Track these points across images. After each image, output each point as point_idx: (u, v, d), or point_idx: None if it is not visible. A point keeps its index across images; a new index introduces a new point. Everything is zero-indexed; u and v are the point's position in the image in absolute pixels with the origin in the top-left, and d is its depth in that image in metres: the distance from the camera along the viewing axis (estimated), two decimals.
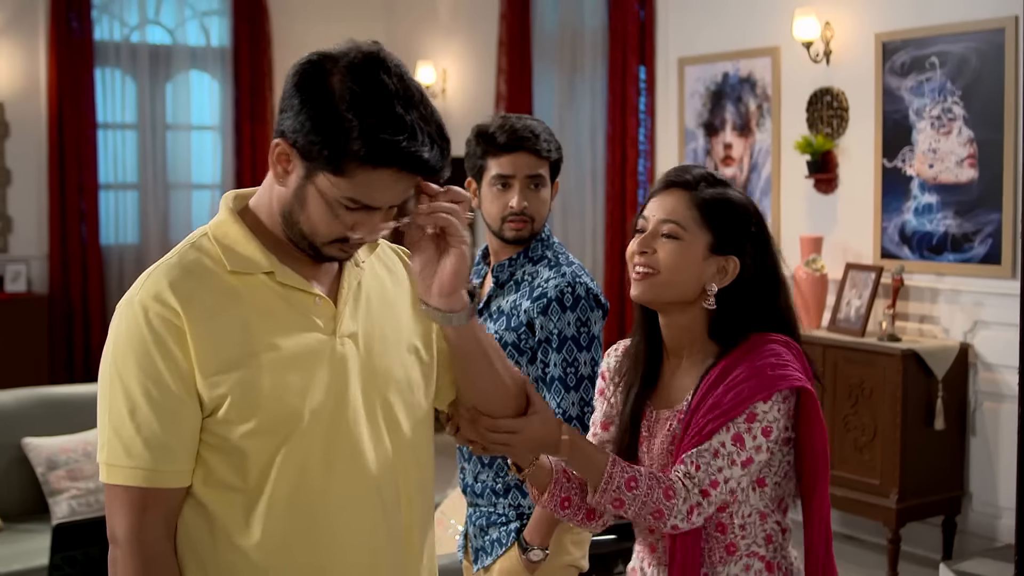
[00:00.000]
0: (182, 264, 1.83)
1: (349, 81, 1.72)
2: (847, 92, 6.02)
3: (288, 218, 1.83)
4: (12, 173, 8.40)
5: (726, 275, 2.15)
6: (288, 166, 1.79)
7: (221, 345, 1.79)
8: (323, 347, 1.86)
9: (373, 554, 1.88)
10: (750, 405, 2.05)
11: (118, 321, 1.82)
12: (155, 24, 9.01)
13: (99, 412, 1.83)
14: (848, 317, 5.74)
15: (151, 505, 1.79)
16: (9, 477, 4.88)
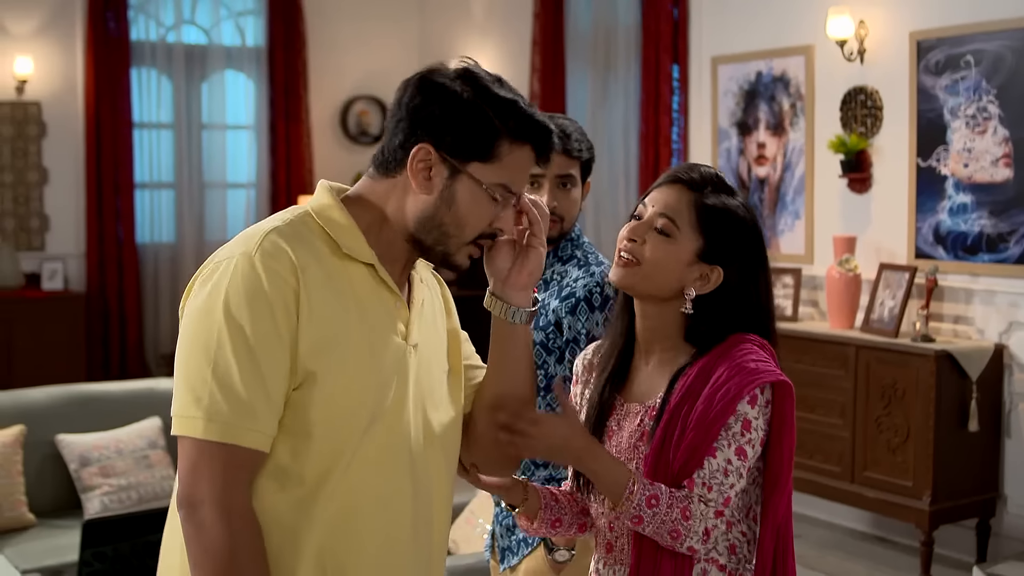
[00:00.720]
0: (296, 232, 1.85)
1: (469, 83, 1.89)
2: (881, 91, 5.98)
3: (427, 223, 1.90)
4: (49, 172, 8.49)
5: (707, 283, 2.13)
6: (430, 172, 1.88)
7: (325, 320, 1.81)
8: (399, 351, 1.92)
9: (397, 549, 1.92)
10: (739, 404, 2.03)
11: (229, 272, 1.79)
12: (191, 24, 9.07)
13: (191, 364, 1.78)
14: (881, 317, 5.69)
15: (244, 466, 1.77)
16: (43, 473, 4.93)
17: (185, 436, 1.76)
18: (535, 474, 2.99)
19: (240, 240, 1.85)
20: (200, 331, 1.78)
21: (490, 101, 1.88)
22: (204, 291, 1.81)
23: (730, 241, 2.14)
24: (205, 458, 1.74)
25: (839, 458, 5.69)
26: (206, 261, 1.87)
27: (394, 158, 1.92)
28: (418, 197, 1.90)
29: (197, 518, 1.74)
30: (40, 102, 8.40)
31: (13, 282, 8.15)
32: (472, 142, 1.88)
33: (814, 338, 5.87)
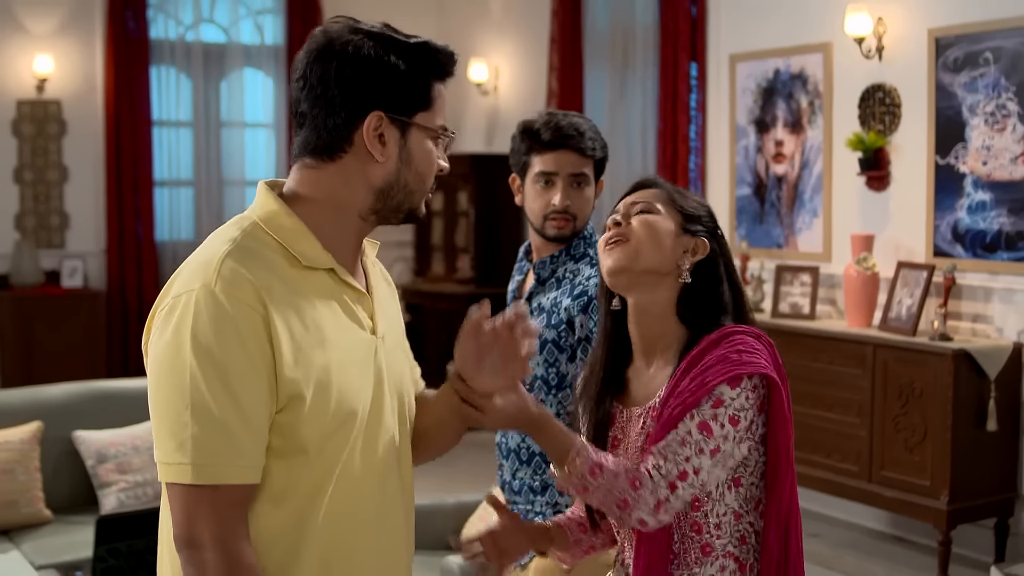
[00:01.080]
0: (250, 252, 1.79)
1: (375, 39, 1.83)
2: (899, 88, 5.95)
3: (390, 189, 1.88)
4: (69, 170, 8.53)
5: (697, 253, 2.18)
6: (383, 138, 1.84)
7: (299, 339, 1.77)
8: (370, 347, 1.90)
9: (395, 538, 1.95)
10: (716, 388, 2.02)
11: (191, 307, 1.72)
12: (210, 23, 9.10)
13: (167, 409, 1.72)
14: (899, 316, 5.67)
15: (238, 502, 1.73)
16: (60, 470, 4.95)
17: (174, 483, 1.72)
18: (536, 499, 2.99)
19: (195, 270, 1.77)
20: (171, 373, 1.72)
21: (411, 51, 1.85)
22: (168, 331, 1.74)
23: (700, 217, 2.22)
24: (200, 502, 1.71)
25: (856, 457, 5.66)
26: (161, 294, 1.81)
27: (336, 138, 1.85)
28: (375, 167, 1.86)
29: (199, 560, 1.71)
30: (60, 100, 8.44)
31: (33, 280, 8.20)
32: (413, 95, 1.86)
33: (832, 337, 5.85)
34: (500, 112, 9.13)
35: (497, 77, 9.20)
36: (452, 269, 9.14)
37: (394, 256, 9.86)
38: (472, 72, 9.16)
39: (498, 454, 3.12)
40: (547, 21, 8.40)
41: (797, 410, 5.83)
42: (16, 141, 8.34)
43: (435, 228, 9.42)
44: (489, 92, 9.22)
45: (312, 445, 1.78)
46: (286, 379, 1.74)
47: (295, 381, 1.75)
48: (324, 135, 1.85)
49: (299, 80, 1.86)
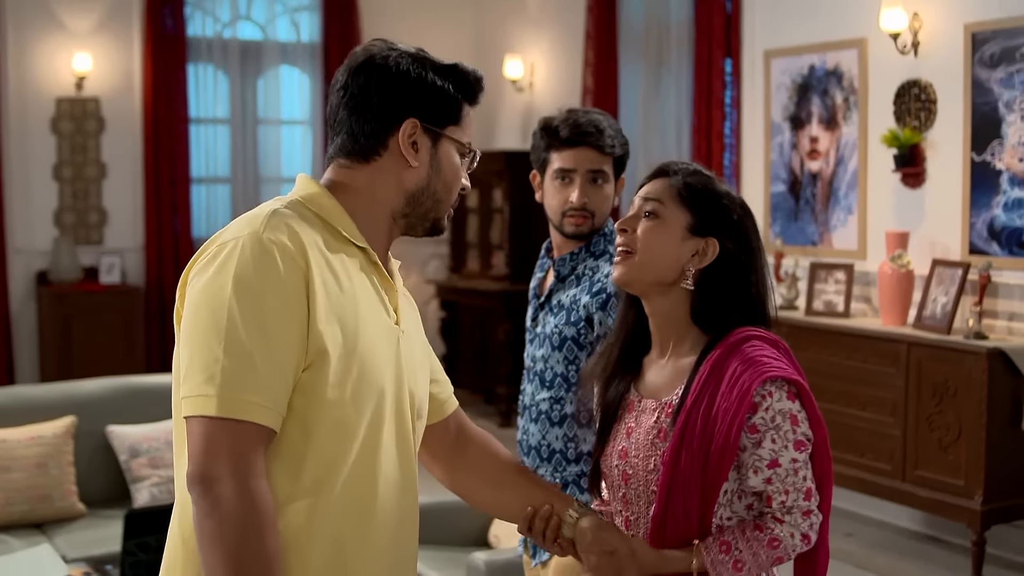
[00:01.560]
0: (297, 215, 1.89)
1: (413, 59, 1.99)
2: (935, 84, 5.89)
3: (421, 194, 1.99)
4: (108, 167, 8.61)
5: (705, 257, 2.16)
6: (416, 145, 1.97)
7: (333, 301, 1.84)
8: (393, 334, 1.97)
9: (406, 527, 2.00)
10: (775, 402, 2.05)
11: (237, 251, 1.79)
12: (247, 20, 9.16)
13: (201, 343, 1.76)
14: (934, 314, 5.61)
15: (258, 442, 1.76)
16: (93, 464, 4.99)
17: (199, 415, 1.75)
18: (567, 469, 2.99)
19: (243, 222, 1.86)
20: (210, 311, 1.78)
21: (443, 70, 2.00)
22: (209, 271, 1.81)
23: (717, 211, 2.18)
24: (220, 435, 1.73)
25: (890, 456, 5.62)
26: (205, 246, 1.88)
27: (372, 143, 1.97)
28: (408, 172, 1.98)
29: (214, 494, 1.72)
30: (99, 98, 8.52)
31: (72, 276, 8.28)
32: (445, 109, 1.99)
33: (866, 335, 5.80)
34: (535, 109, 9.11)
35: (532, 74, 9.19)
36: (487, 266, 9.15)
37: (430, 253, 9.88)
38: (507, 69, 9.16)
39: (520, 451, 3.12)
40: (582, 17, 8.39)
41: (831, 408, 5.84)
42: (55, 138, 8.43)
43: (470, 225, 9.43)
44: (524, 89, 9.21)
45: (332, 409, 1.82)
46: (316, 332, 1.80)
47: (324, 336, 1.81)
48: (361, 139, 1.98)
49: (340, 90, 1.99)
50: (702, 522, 2.07)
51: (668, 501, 2.07)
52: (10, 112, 8.24)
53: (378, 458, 1.90)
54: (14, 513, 4.69)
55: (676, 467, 2.06)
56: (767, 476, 2.05)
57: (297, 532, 1.82)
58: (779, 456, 2.04)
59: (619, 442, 2.21)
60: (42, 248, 8.39)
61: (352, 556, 1.87)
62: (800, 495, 2.05)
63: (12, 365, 8.32)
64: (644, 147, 7.92)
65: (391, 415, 1.94)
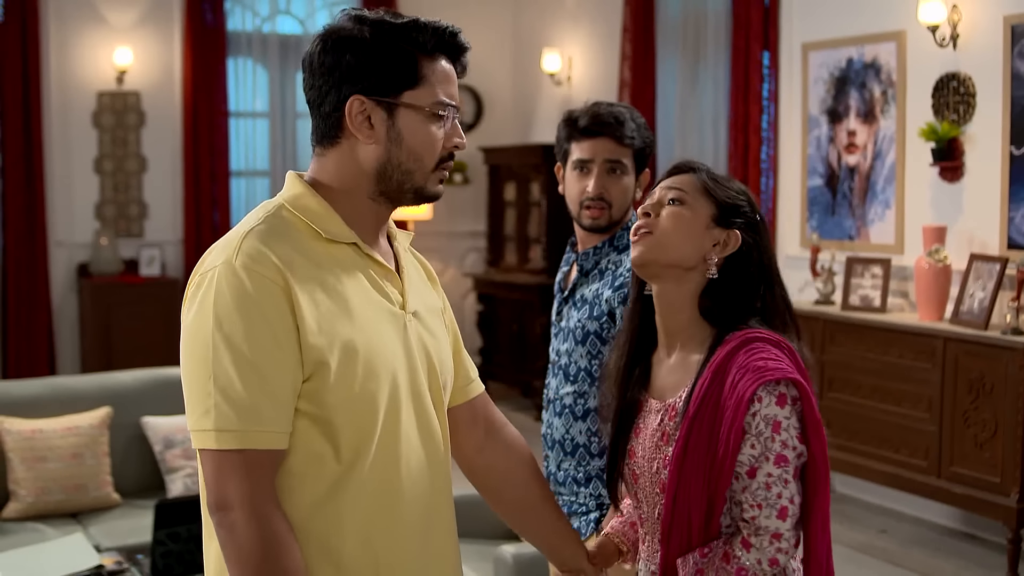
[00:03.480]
0: (273, 230, 1.87)
1: (363, 22, 1.90)
2: (974, 77, 5.83)
3: (385, 170, 1.92)
4: (148, 161, 8.69)
5: (727, 247, 2.14)
6: (370, 120, 1.90)
7: (323, 309, 1.83)
8: (399, 321, 1.96)
9: (432, 514, 1.99)
10: (763, 407, 2.01)
11: (216, 285, 1.80)
12: (286, 14, 9.21)
13: (193, 379, 1.80)
14: (971, 309, 5.56)
15: (264, 465, 1.79)
16: (128, 455, 5.04)
17: (203, 449, 1.80)
18: (580, 491, 2.98)
19: (220, 249, 1.86)
20: (195, 346, 1.81)
21: (390, 30, 1.90)
22: (194, 305, 1.83)
23: (738, 206, 2.17)
24: (226, 466, 1.77)
25: (925, 452, 5.57)
26: (192, 273, 1.89)
27: (330, 125, 1.93)
28: (367, 149, 1.92)
29: (228, 521, 1.78)
30: (139, 92, 8.60)
31: (112, 268, 8.37)
32: (395, 74, 1.90)
33: (902, 330, 5.75)
34: (573, 102, 9.07)
35: (570, 67, 9.18)
36: (524, 259, 9.15)
37: (468, 246, 9.90)
38: (545, 62, 9.16)
39: (544, 445, 3.12)
40: (620, 10, 8.36)
41: (866, 403, 5.81)
42: (96, 132, 8.52)
43: (508, 218, 9.44)
44: (562, 82, 9.21)
45: (343, 411, 1.84)
46: (310, 346, 1.80)
47: (319, 348, 1.81)
48: (321, 123, 1.95)
49: (306, 72, 1.95)
50: (708, 527, 2.05)
51: (674, 506, 2.06)
52: (52, 106, 8.33)
53: (399, 446, 1.91)
54: (50, 503, 4.75)
55: (681, 473, 2.05)
56: (744, 484, 2.02)
57: (328, 532, 1.84)
58: (757, 466, 2.00)
59: (629, 441, 2.21)
60: (83, 241, 8.48)
61: (382, 547, 1.89)
62: (773, 513, 2.00)
63: (54, 356, 8.42)
64: (681, 141, 7.90)
65: (408, 400, 1.94)
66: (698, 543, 2.05)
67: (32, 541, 4.39)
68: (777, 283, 2.19)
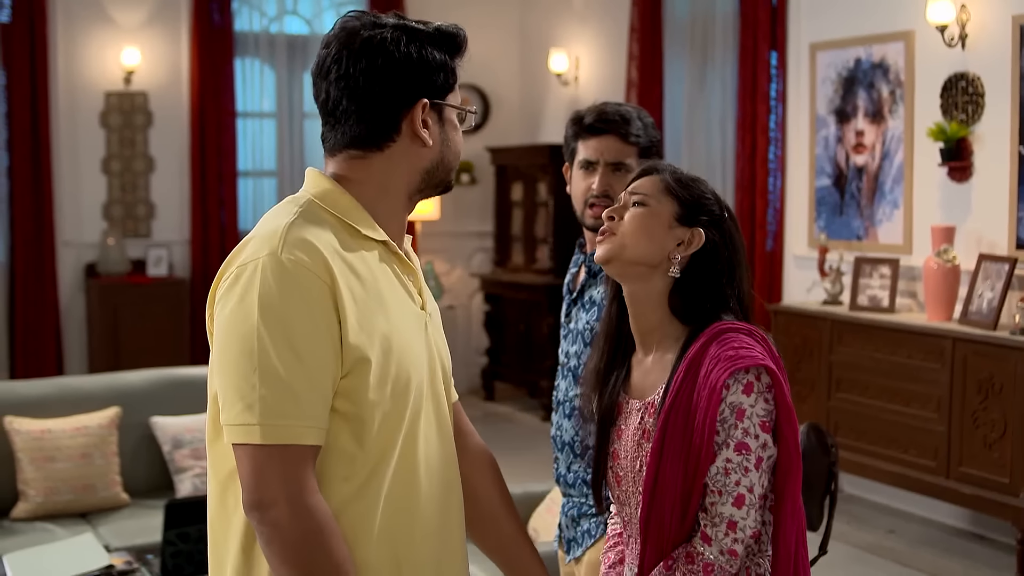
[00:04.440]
0: (311, 223, 1.85)
1: (400, 30, 1.93)
2: (983, 77, 5.82)
3: (436, 169, 1.98)
4: (156, 161, 8.69)
5: (691, 245, 2.15)
6: (426, 124, 1.94)
7: (362, 304, 1.83)
8: (421, 320, 1.98)
9: (447, 516, 2.00)
10: (730, 395, 2.02)
11: (261, 276, 1.78)
12: (293, 15, 9.21)
13: (235, 372, 1.77)
14: (980, 309, 5.55)
15: (307, 461, 1.77)
16: (137, 454, 5.05)
17: (244, 444, 1.76)
18: (589, 493, 2.96)
19: (261, 241, 1.83)
20: (239, 338, 1.77)
21: (436, 39, 1.96)
22: (233, 297, 1.80)
23: (702, 204, 2.18)
24: (271, 462, 1.75)
25: (934, 453, 5.57)
26: (222, 268, 1.87)
27: (385, 130, 1.93)
28: (423, 151, 1.96)
29: (272, 518, 1.74)
30: (147, 92, 8.61)
31: (120, 268, 8.38)
32: (442, 80, 1.96)
33: (911, 330, 5.75)
34: (580, 102, 9.09)
35: (577, 67, 9.18)
36: (531, 259, 9.15)
37: (475, 246, 9.90)
38: (553, 63, 9.16)
39: (554, 447, 3.12)
40: (627, 10, 8.36)
41: (874, 403, 5.81)
42: (104, 132, 8.52)
43: (515, 219, 9.44)
44: (569, 82, 9.20)
45: (379, 409, 1.83)
46: (351, 345, 1.80)
47: (360, 346, 1.80)
48: (374, 127, 1.92)
49: (340, 79, 1.91)
50: (683, 521, 2.05)
51: (652, 501, 2.06)
52: (60, 106, 8.34)
53: (418, 447, 1.92)
54: (59, 503, 4.75)
55: (659, 467, 2.05)
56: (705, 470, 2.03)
57: (353, 533, 1.84)
58: (719, 452, 2.01)
59: (612, 444, 2.22)
60: (91, 241, 8.49)
61: (403, 547, 1.89)
62: (729, 500, 2.00)
63: (61, 356, 8.43)
64: (689, 141, 7.90)
65: (428, 400, 1.96)
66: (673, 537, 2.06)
67: (41, 541, 4.40)
68: (746, 279, 2.21)
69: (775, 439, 2.06)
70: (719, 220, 2.19)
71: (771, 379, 2.05)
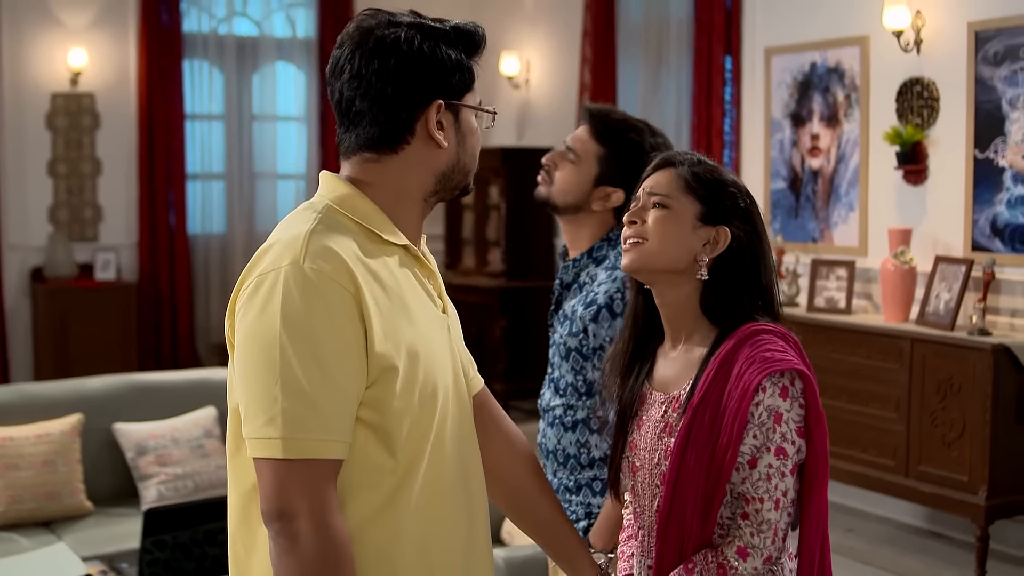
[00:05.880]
0: (332, 230, 1.81)
1: (415, 29, 1.91)
2: (938, 82, 5.91)
3: (452, 171, 1.95)
4: (103, 163, 8.57)
5: (717, 245, 2.13)
6: (442, 125, 1.91)
7: (387, 312, 1.80)
8: (443, 323, 1.96)
9: (474, 518, 1.98)
10: (766, 397, 2.01)
11: (284, 286, 1.73)
12: (242, 16, 9.13)
13: (257, 385, 1.73)
14: (937, 311, 5.64)
15: (329, 475, 1.73)
16: (100, 462, 4.98)
17: (266, 457, 1.73)
18: (571, 499, 2.97)
19: (282, 249, 1.79)
20: (261, 349, 1.73)
21: (453, 38, 1.93)
22: (255, 307, 1.76)
23: (725, 200, 2.15)
24: (293, 476, 1.71)
25: (894, 452, 5.64)
26: (243, 276, 1.82)
27: (400, 131, 1.90)
28: (439, 152, 1.93)
29: (291, 531, 1.71)
30: (94, 94, 8.48)
31: (67, 272, 8.25)
32: (462, 79, 1.94)
33: (869, 331, 5.82)
34: (532, 106, 9.13)
35: (529, 70, 9.19)
36: (483, 262, 9.14)
37: None
38: (504, 66, 9.15)
39: (539, 454, 3.11)
40: (580, 14, 8.39)
41: (834, 404, 5.86)
42: (50, 134, 8.39)
43: (466, 221, 9.43)
44: (520, 86, 9.21)
45: (406, 417, 1.81)
46: (377, 354, 1.76)
47: (387, 355, 1.77)
48: (387, 128, 1.89)
49: (353, 79, 1.88)
50: (705, 519, 2.05)
51: (673, 497, 2.06)
52: (5, 107, 8.19)
53: (446, 450, 1.89)
54: (22, 511, 4.67)
55: (682, 463, 2.05)
56: (744, 475, 2.03)
57: (386, 541, 1.81)
58: (758, 456, 2.02)
59: (631, 435, 2.21)
60: (37, 244, 8.35)
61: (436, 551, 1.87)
62: (773, 505, 2.01)
63: (7, 362, 8.28)
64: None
65: (454, 403, 1.93)
66: (694, 537, 2.05)
67: (5, 551, 4.33)
68: (773, 272, 2.19)
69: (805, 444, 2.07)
70: (744, 213, 2.15)
71: (804, 384, 2.05)
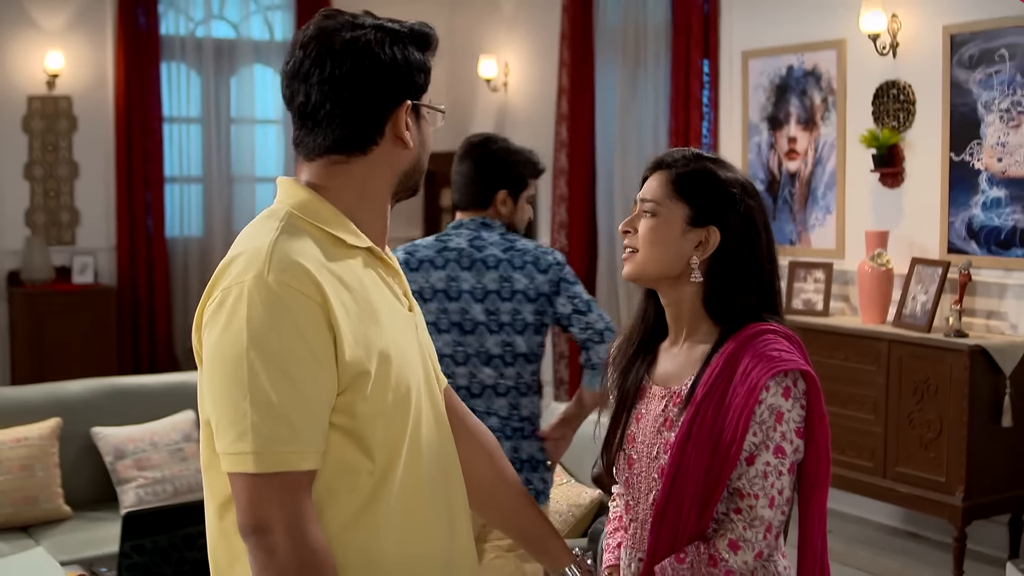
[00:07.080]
0: (295, 238, 1.80)
1: (378, 30, 1.91)
2: (914, 85, 5.95)
3: (412, 171, 1.96)
4: (80, 166, 8.53)
5: (707, 247, 2.15)
6: (407, 125, 1.91)
7: (355, 318, 1.79)
8: (410, 322, 1.96)
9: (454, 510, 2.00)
10: (769, 396, 2.03)
11: (248, 300, 1.72)
12: (220, 19, 9.10)
13: (226, 400, 1.72)
14: (914, 312, 5.67)
15: (303, 486, 1.73)
16: (79, 466, 4.97)
17: (239, 472, 1.72)
18: None
19: (246, 261, 1.77)
20: (228, 364, 1.72)
21: (413, 40, 1.94)
22: (220, 322, 1.75)
23: (715, 199, 2.15)
24: (266, 489, 1.71)
25: (871, 453, 5.67)
26: (207, 290, 1.81)
27: (370, 132, 1.90)
28: (404, 153, 1.94)
29: (268, 544, 1.71)
30: (71, 96, 8.44)
31: (44, 276, 8.20)
32: (420, 80, 1.94)
33: (847, 333, 5.85)
34: (509, 109, 9.13)
35: (507, 73, 9.19)
36: None
37: None
38: (482, 68, 9.16)
39: None
40: (558, 17, 8.39)
41: None
42: (27, 137, 8.34)
43: (444, 224, 9.41)
44: (498, 89, 9.21)
45: (381, 420, 1.81)
46: (347, 362, 1.75)
47: (357, 361, 1.77)
48: (358, 130, 1.89)
49: (324, 82, 1.86)
50: (702, 513, 2.07)
51: (671, 490, 2.08)
52: None
53: (422, 448, 1.90)
54: (0, 515, 4.65)
55: (682, 458, 2.07)
56: (741, 471, 2.05)
57: (368, 542, 1.81)
58: (756, 454, 2.04)
59: (629, 427, 2.23)
60: (13, 248, 8.30)
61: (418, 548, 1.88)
62: (767, 502, 2.04)
63: None
64: (621, 147, 7.94)
65: (427, 400, 1.94)
66: (689, 530, 2.07)
67: None
68: (775, 264, 2.20)
69: (805, 444, 2.09)
70: (737, 209, 2.15)
71: (807, 385, 2.07)
